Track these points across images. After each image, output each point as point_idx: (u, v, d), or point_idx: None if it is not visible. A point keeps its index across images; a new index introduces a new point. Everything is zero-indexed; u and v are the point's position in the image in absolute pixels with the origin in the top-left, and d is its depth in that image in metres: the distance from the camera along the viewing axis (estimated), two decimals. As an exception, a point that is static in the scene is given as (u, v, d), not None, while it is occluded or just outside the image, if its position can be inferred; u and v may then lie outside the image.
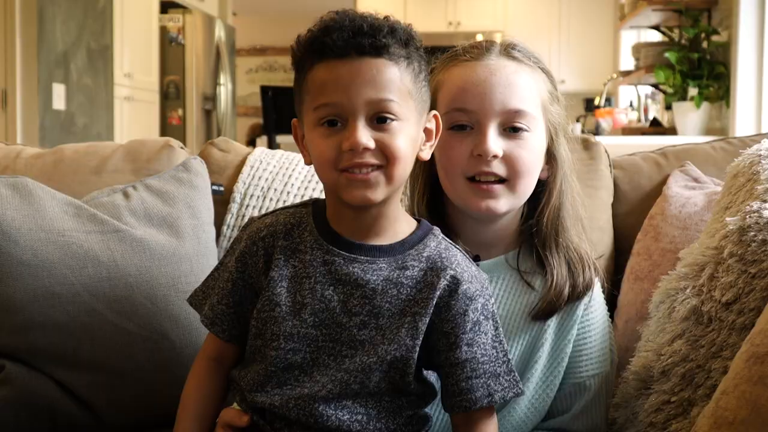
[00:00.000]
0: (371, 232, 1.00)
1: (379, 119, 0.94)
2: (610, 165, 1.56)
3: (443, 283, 0.97)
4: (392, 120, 0.94)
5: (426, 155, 1.02)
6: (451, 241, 1.03)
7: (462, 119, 1.12)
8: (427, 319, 0.97)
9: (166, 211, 1.43)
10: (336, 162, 0.95)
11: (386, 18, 0.98)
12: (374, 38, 0.94)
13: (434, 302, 0.97)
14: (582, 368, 1.15)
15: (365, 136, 0.93)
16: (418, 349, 0.97)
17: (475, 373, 0.97)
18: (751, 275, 1.01)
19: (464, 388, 0.97)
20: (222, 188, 1.58)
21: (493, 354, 0.99)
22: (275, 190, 1.57)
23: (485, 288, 1.01)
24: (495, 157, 1.10)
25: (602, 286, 1.22)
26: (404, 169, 0.96)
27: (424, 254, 0.99)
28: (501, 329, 1.01)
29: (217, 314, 1.05)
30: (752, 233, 1.04)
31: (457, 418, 1.01)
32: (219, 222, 1.53)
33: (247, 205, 1.57)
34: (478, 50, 1.16)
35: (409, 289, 0.97)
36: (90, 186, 1.52)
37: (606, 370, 1.17)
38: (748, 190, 1.12)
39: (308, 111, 0.97)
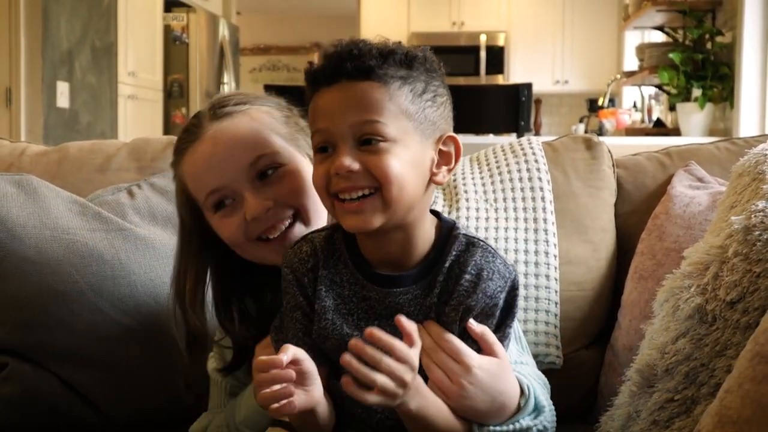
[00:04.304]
0: (398, 256, 1.00)
1: (365, 141, 0.94)
2: (613, 165, 1.56)
3: (461, 287, 0.99)
4: (380, 141, 0.93)
5: (442, 179, 1.00)
6: (472, 236, 1.02)
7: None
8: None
9: (170, 210, 1.43)
10: (327, 187, 0.96)
11: (394, 43, 0.98)
12: (359, 61, 0.94)
13: (451, 304, 0.99)
14: None
15: (348, 159, 0.93)
16: None
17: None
18: (755, 274, 1.01)
19: None
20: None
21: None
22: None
23: (508, 281, 1.00)
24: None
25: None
26: (401, 190, 0.94)
27: (447, 266, 1.00)
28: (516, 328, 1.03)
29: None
30: (757, 232, 1.04)
31: None
32: (223, 220, 1.53)
33: (251, 204, 1.56)
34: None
35: (435, 304, 1.00)
36: (94, 184, 1.52)
37: None
38: (754, 189, 1.12)
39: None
